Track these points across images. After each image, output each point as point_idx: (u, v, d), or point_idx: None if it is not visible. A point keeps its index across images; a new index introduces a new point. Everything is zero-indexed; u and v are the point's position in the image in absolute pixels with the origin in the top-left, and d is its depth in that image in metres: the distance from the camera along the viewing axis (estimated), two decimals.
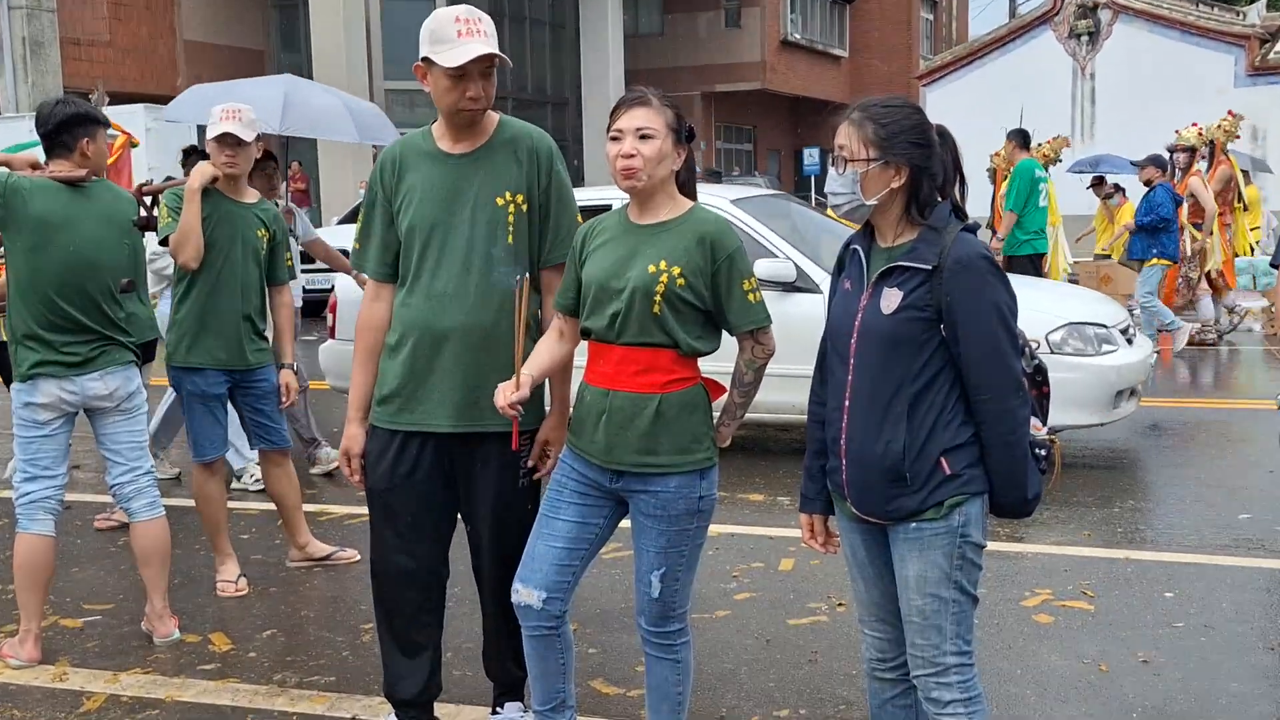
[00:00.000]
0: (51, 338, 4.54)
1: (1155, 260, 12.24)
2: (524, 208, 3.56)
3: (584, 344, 3.42)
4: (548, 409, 3.66)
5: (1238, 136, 13.78)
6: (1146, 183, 12.50)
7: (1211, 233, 13.03)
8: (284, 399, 5.58)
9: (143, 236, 5.05)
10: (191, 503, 5.81)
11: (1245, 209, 14.18)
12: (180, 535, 6.08)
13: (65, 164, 4.66)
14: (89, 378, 4.60)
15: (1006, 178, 12.31)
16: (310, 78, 23.02)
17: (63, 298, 4.53)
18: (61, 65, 20.61)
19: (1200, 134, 13.41)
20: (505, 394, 3.26)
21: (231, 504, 6.21)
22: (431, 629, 3.78)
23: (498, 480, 3.60)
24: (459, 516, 3.75)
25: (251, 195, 5.47)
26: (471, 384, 3.53)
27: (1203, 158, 13.30)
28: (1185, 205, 12.79)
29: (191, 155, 7.21)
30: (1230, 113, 14.00)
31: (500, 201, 3.53)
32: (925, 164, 2.93)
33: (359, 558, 5.75)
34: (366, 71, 22.81)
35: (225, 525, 5.59)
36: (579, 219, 3.66)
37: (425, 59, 3.44)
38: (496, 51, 3.43)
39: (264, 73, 27.08)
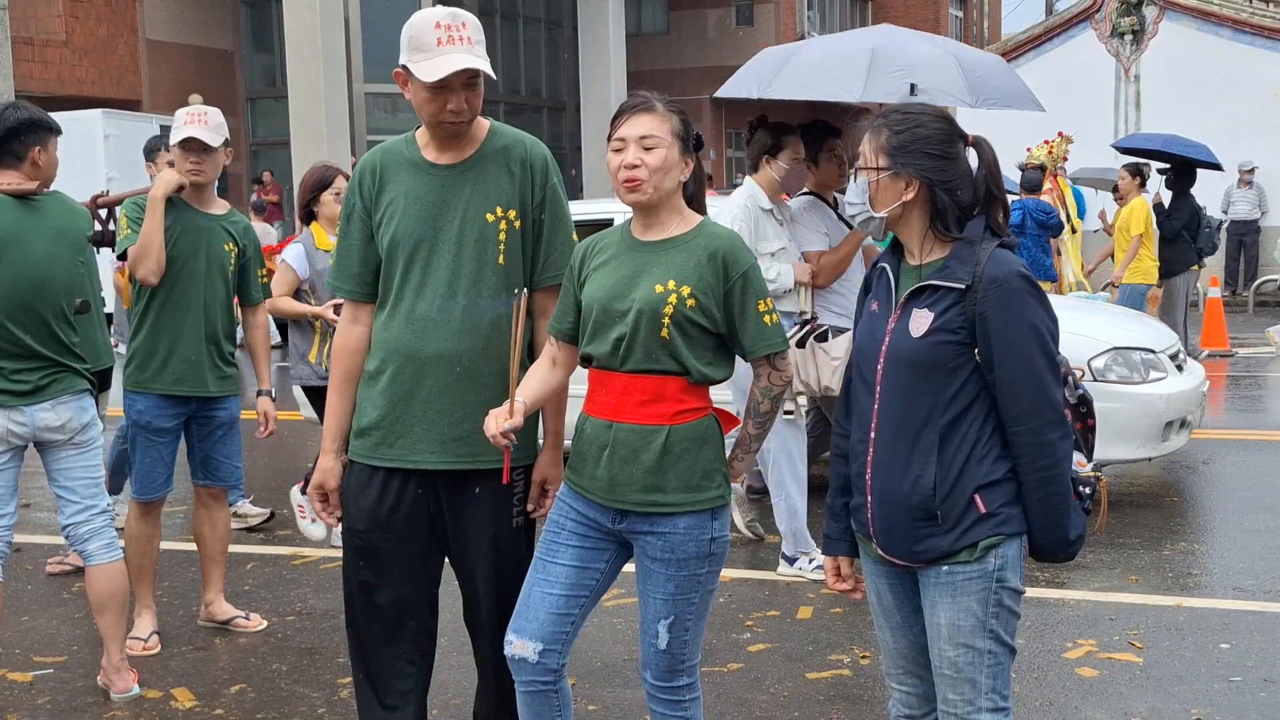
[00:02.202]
0: None
1: None
2: (517, 224, 3.55)
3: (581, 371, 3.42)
4: (541, 441, 3.65)
5: (1065, 158, 14.19)
6: None
7: (1058, 253, 13.32)
8: (262, 428, 5.58)
9: (98, 252, 5.05)
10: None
11: (1074, 231, 14.48)
12: None
13: (15, 175, 4.67)
14: (39, 407, 4.59)
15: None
16: (284, 80, 23.12)
17: (12, 320, 4.53)
18: (13, 67, 20.69)
19: (1050, 152, 13.75)
20: (497, 421, 3.25)
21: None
22: (415, 680, 3.75)
23: (491, 521, 3.58)
24: (447, 559, 3.73)
25: (220, 206, 5.46)
26: (457, 417, 3.52)
27: (1052, 175, 13.76)
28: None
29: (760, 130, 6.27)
30: (1060, 134, 14.39)
31: (491, 218, 3.52)
32: (940, 177, 2.94)
33: (264, 626, 5.70)
34: (345, 73, 22.83)
35: (152, 574, 5.55)
36: (575, 236, 3.67)
37: (405, 67, 3.44)
38: (478, 66, 3.39)
39: (233, 76, 27.19)
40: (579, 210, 9.03)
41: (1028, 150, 14.32)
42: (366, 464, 3.60)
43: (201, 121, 5.25)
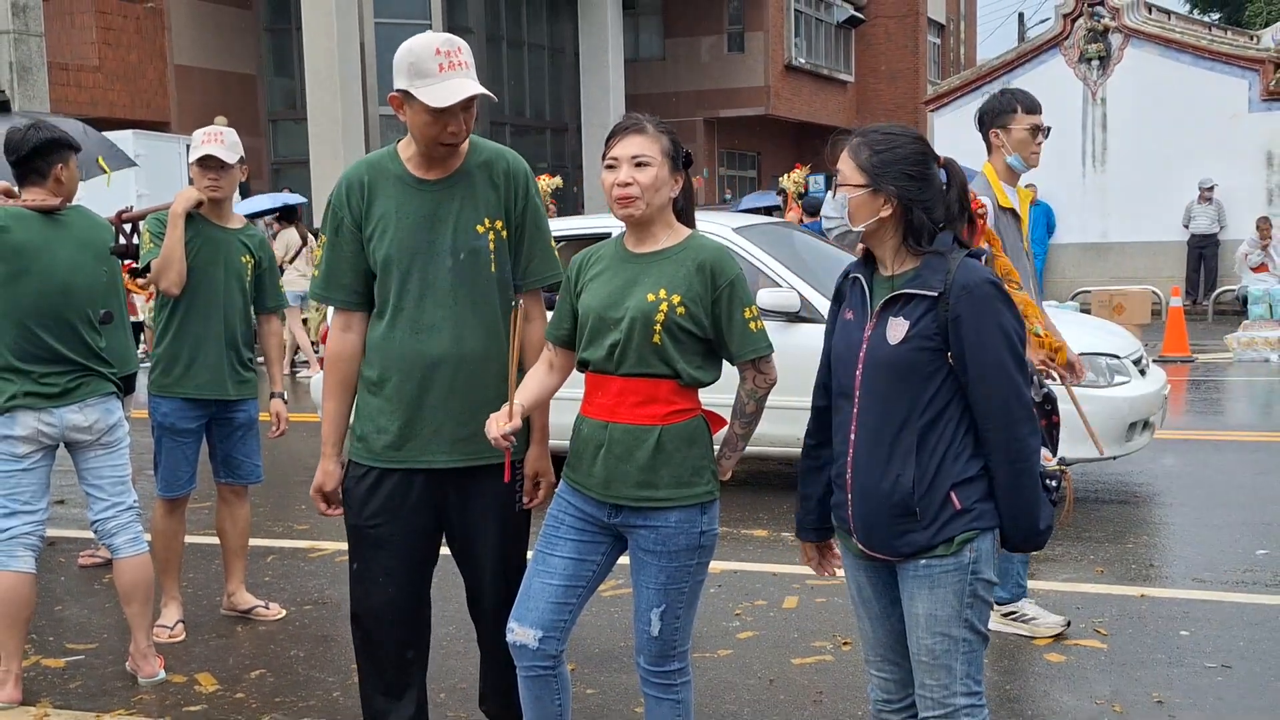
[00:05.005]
0: (29, 368, 4.54)
1: None
2: (504, 234, 3.56)
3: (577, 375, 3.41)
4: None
5: (807, 187, 14.27)
6: None
7: None
8: (275, 428, 5.58)
9: (120, 264, 5.06)
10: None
11: None
12: None
13: (40, 191, 4.69)
14: (68, 409, 4.59)
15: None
16: (303, 103, 23.13)
17: (41, 326, 4.54)
18: (49, 90, 20.70)
19: (796, 180, 13.82)
20: (498, 424, 3.25)
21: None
22: (417, 667, 3.74)
23: (499, 512, 3.58)
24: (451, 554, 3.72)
25: (237, 221, 5.47)
26: (464, 418, 3.50)
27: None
28: None
29: None
30: (798, 165, 14.52)
31: (481, 228, 3.52)
32: (916, 196, 2.94)
33: (282, 615, 5.69)
34: (361, 96, 22.86)
35: (178, 566, 5.55)
36: (553, 243, 3.68)
37: (404, 91, 3.41)
38: (481, 90, 3.40)
39: (255, 99, 27.18)
40: (579, 225, 9.04)
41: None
42: (371, 465, 3.58)
43: (218, 140, 5.26)
